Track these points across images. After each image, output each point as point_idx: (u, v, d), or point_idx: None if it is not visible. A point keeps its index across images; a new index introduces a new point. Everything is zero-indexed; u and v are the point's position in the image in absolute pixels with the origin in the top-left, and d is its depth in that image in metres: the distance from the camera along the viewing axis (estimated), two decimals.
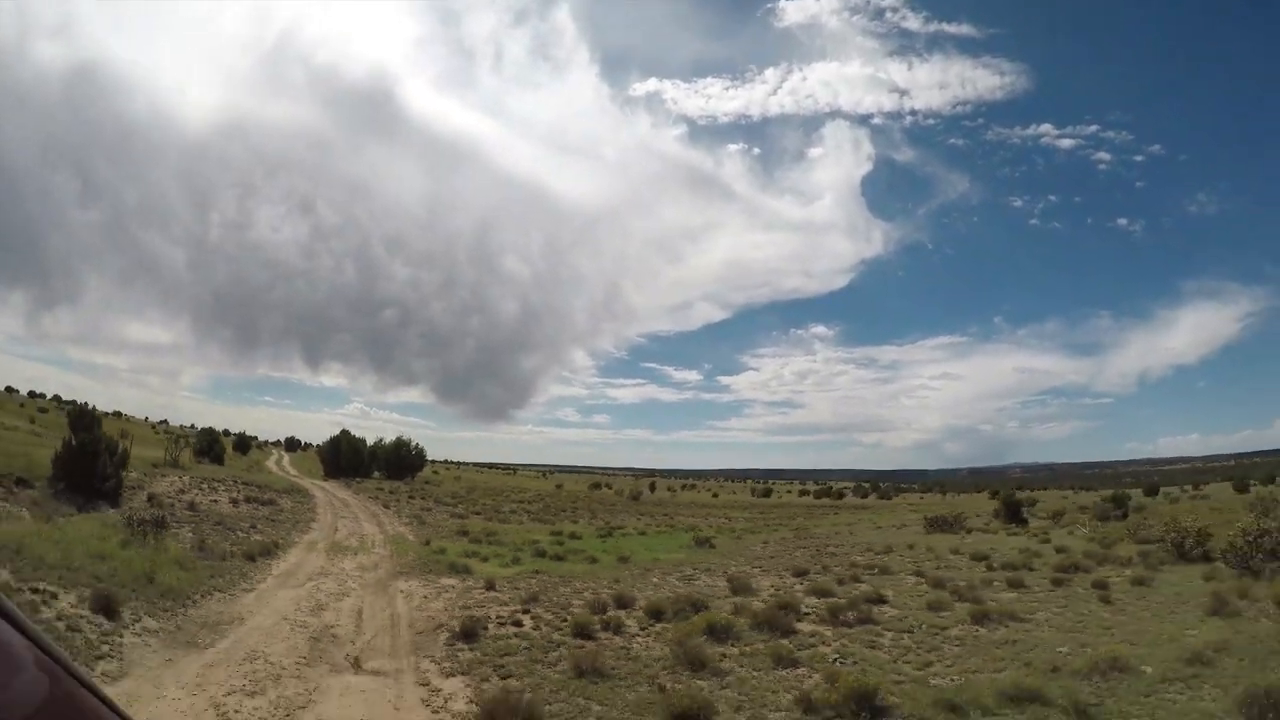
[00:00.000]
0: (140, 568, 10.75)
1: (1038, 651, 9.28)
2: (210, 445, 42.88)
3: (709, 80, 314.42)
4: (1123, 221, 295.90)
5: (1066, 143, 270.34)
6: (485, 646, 8.91)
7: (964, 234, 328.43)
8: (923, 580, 15.15)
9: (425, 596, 12.28)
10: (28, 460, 18.24)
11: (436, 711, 6.71)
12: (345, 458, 56.13)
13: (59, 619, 7.54)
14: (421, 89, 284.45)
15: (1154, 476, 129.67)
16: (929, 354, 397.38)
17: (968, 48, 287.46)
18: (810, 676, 7.82)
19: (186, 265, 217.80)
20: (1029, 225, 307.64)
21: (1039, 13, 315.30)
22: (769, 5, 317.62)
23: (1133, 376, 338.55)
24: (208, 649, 8.16)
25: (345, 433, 59.15)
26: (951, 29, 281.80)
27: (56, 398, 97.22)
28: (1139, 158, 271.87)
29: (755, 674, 8.04)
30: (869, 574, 16.65)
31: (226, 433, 56.61)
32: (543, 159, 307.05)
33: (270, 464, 59.56)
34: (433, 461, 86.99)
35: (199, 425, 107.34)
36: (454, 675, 7.79)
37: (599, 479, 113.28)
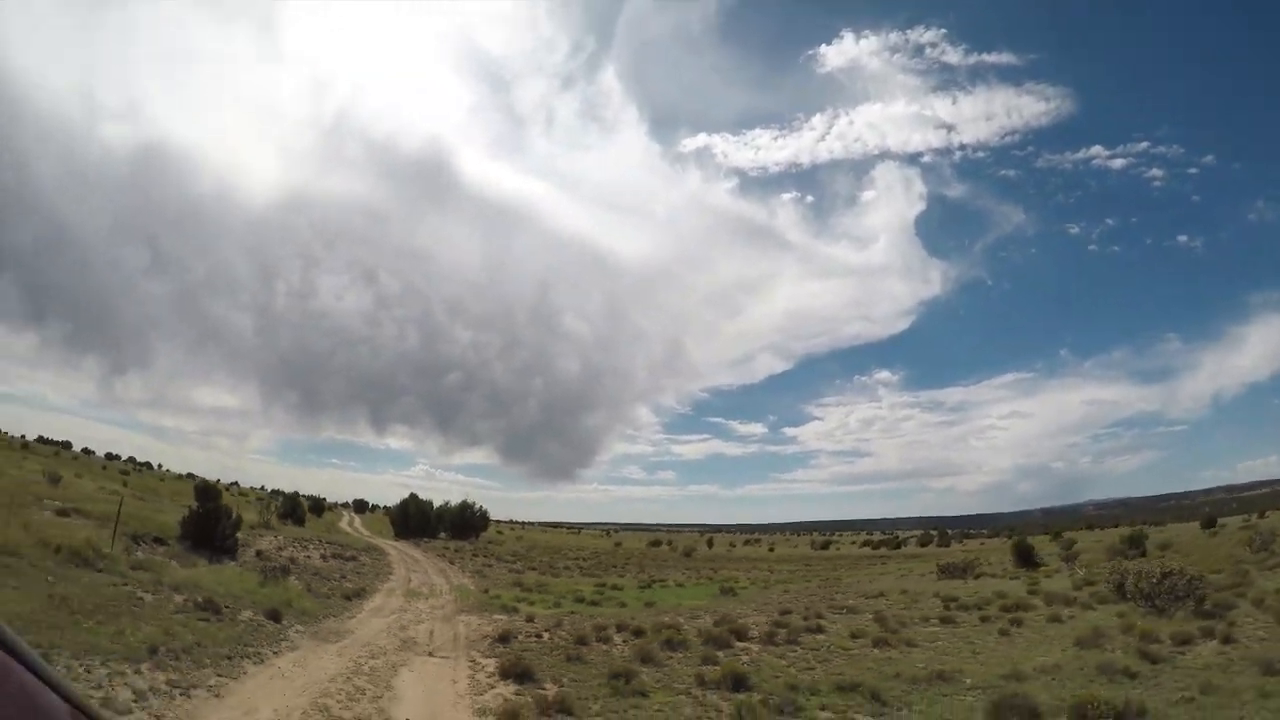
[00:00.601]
0: (280, 598, 15.54)
1: (900, 665, 12.03)
2: (293, 509, 48.32)
3: (757, 131, 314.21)
4: (1182, 238, 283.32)
5: (1118, 163, 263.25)
6: (514, 646, 13.29)
7: (1022, 266, 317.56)
8: (873, 618, 18.32)
9: (479, 624, 16.61)
10: (157, 523, 22.71)
11: (476, 671, 11.14)
12: (414, 519, 60.76)
13: (250, 621, 12.33)
14: (475, 156, 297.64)
15: (1232, 504, 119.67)
16: (995, 393, 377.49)
17: (1010, 76, 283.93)
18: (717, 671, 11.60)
19: (253, 332, 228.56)
20: (1088, 251, 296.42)
21: (1077, 33, 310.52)
22: (810, 52, 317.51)
23: (1205, 399, 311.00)
24: (338, 642, 12.85)
25: (414, 496, 64.24)
26: (992, 59, 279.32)
27: (131, 459, 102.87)
28: (1193, 170, 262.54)
29: (683, 667, 11.97)
30: (838, 613, 19.82)
31: (297, 494, 62.27)
32: (597, 219, 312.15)
33: (343, 525, 64.39)
34: (497, 522, 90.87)
35: (268, 487, 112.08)
36: (491, 658, 12.21)
37: (660, 536, 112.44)
